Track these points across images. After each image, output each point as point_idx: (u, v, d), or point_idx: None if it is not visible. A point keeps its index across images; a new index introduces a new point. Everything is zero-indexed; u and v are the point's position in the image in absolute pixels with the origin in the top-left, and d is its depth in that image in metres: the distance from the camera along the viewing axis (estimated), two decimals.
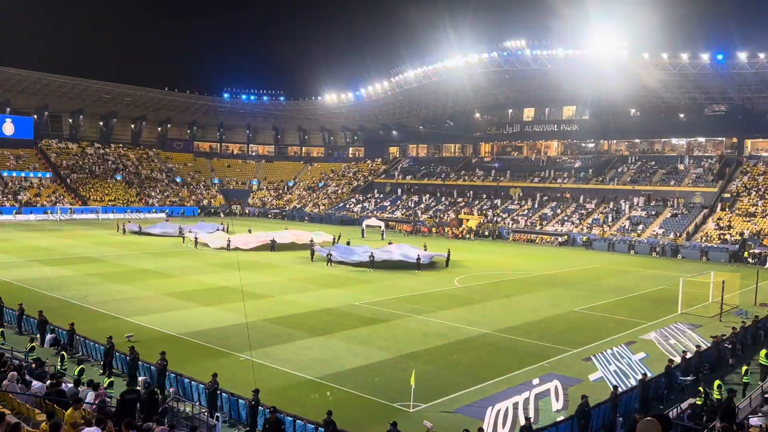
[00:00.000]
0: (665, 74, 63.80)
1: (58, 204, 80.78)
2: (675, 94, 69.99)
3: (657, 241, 58.49)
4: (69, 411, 10.87)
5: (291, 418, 15.04)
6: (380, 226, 67.43)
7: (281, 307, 29.47)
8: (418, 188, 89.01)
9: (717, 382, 17.57)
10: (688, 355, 20.84)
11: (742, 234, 55.56)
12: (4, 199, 78.75)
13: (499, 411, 16.02)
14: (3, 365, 14.63)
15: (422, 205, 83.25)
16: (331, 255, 44.59)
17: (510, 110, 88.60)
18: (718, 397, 16.83)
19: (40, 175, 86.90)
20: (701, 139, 74.70)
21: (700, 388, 17.03)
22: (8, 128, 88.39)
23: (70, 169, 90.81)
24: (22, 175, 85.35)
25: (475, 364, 21.54)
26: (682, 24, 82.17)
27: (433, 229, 72.18)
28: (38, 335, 22.77)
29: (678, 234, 58.68)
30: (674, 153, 75.60)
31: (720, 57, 59.00)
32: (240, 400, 16.37)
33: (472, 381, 19.60)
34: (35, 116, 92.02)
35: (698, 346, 21.84)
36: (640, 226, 62.55)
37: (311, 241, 51.51)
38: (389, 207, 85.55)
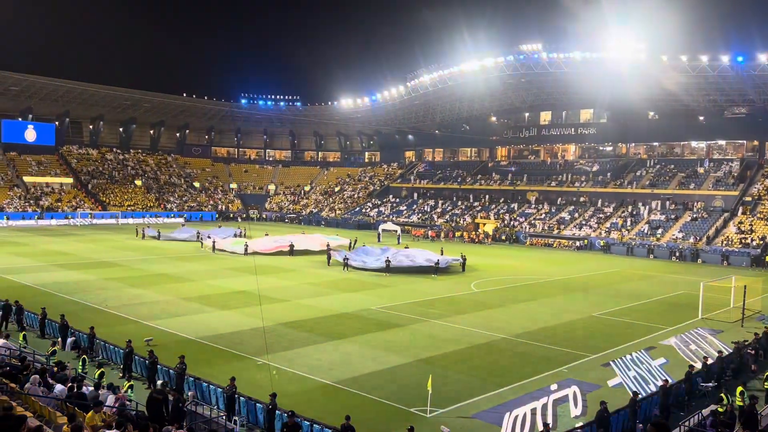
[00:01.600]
0: (684, 76, 63.12)
1: (78, 209, 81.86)
2: (694, 96, 69.23)
3: (677, 246, 57.81)
4: (90, 414, 11.02)
5: (308, 423, 15.06)
6: (396, 231, 67.46)
7: (298, 311, 29.56)
8: (434, 192, 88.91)
9: (739, 389, 17.31)
10: (710, 361, 20.56)
11: (763, 238, 54.71)
12: (26, 204, 79.98)
13: (516, 417, 15.93)
14: (26, 368, 14.85)
15: (438, 210, 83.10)
16: (347, 259, 44.66)
17: (526, 114, 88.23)
18: (741, 403, 16.58)
19: (61, 180, 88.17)
20: (721, 142, 73.82)
21: (722, 395, 16.77)
22: (30, 135, 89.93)
23: (90, 175, 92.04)
24: (44, 180, 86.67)
25: (493, 370, 21.42)
26: (702, 25, 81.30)
27: (441, 233, 71.71)
28: (60, 339, 23.09)
29: (698, 238, 57.96)
30: (694, 156, 74.75)
31: (740, 59, 58.26)
32: (257, 404, 16.43)
33: (489, 386, 19.49)
34: (56, 123, 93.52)
35: (720, 352, 21.54)
36: (660, 230, 61.88)
37: (327, 245, 51.64)
38: (405, 211, 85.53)
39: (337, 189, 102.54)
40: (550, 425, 15.23)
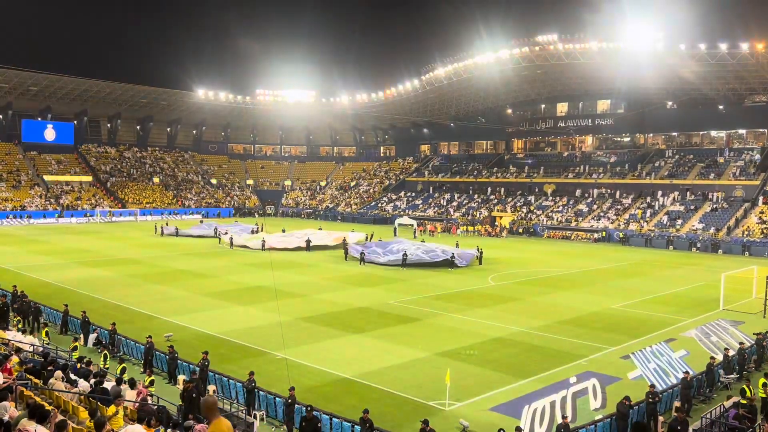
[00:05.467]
0: (703, 65, 62.15)
1: (98, 207, 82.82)
2: (713, 85, 68.18)
3: (696, 236, 57.11)
4: (111, 408, 11.18)
5: (327, 416, 15.15)
6: (413, 225, 67.41)
7: (315, 306, 29.70)
8: (450, 186, 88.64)
9: (761, 380, 17.11)
10: (731, 353, 20.34)
11: None
12: (47, 203, 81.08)
13: (535, 410, 15.89)
14: (49, 364, 15.08)
15: (454, 203, 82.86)
16: (364, 254, 44.70)
17: (543, 105, 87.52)
18: (763, 395, 16.39)
19: (80, 178, 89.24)
20: (742, 131, 72.68)
21: (744, 387, 16.58)
22: (50, 134, 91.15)
23: (108, 173, 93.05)
24: (64, 179, 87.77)
25: (511, 363, 21.36)
26: (721, 13, 79.91)
27: (439, 227, 71.06)
28: (81, 335, 23.41)
29: (718, 229, 57.21)
30: (713, 146, 73.71)
31: (760, 46, 57.20)
32: (277, 398, 16.56)
33: (508, 379, 19.47)
34: (75, 121, 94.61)
35: (741, 343, 21.28)
36: (679, 221, 61.16)
37: (344, 240, 51.75)
38: (421, 205, 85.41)
39: (352, 184, 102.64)
40: (569, 418, 15.17)
